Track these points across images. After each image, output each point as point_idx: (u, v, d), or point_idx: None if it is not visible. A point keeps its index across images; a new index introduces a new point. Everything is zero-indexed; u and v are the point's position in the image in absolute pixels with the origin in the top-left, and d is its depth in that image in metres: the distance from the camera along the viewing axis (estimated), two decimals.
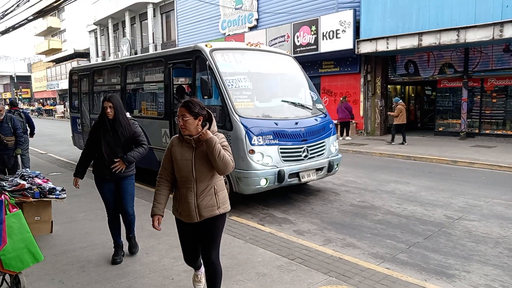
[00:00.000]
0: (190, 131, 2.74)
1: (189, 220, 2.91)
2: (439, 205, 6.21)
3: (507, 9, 10.61)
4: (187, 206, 2.87)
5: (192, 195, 2.84)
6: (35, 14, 13.34)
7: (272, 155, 5.74)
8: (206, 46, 6.24)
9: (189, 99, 2.78)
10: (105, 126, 3.97)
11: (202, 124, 2.77)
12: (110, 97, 3.94)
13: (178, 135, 2.88)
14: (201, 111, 2.74)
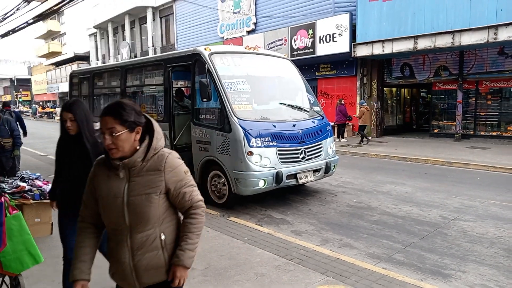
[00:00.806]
0: (124, 151, 1.83)
1: (126, 286, 2.00)
2: (434, 205, 6.28)
3: (501, 12, 10.74)
4: (119, 267, 1.95)
5: (126, 252, 1.90)
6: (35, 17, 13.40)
7: (270, 156, 5.81)
8: (205, 50, 6.31)
9: (118, 101, 1.87)
10: (67, 146, 2.94)
11: (141, 138, 1.89)
12: (70, 105, 2.86)
13: (104, 156, 1.94)
14: (138, 118, 1.85)
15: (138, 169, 1.88)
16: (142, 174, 1.87)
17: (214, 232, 4.98)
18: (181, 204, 1.98)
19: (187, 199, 1.98)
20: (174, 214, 2.04)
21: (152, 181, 1.87)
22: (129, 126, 1.82)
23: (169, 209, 1.98)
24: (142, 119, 1.89)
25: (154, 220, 1.90)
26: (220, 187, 6.17)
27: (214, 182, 6.26)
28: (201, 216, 2.03)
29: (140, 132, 1.88)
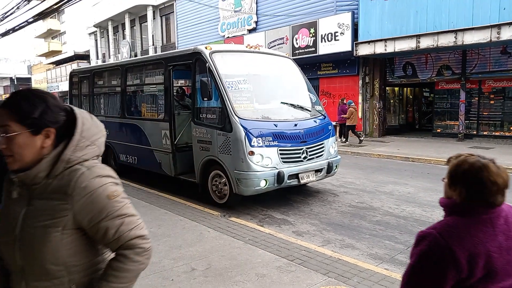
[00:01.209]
0: (23, 161, 1.30)
1: None
2: (437, 206, 6.16)
3: (504, 11, 10.68)
4: None
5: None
6: (35, 16, 13.39)
7: (272, 156, 5.77)
8: (206, 49, 6.27)
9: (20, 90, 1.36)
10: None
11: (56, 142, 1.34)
12: None
13: None
14: (50, 115, 1.31)
15: (40, 188, 1.31)
16: (44, 196, 1.30)
17: (215, 232, 4.95)
18: (105, 242, 1.37)
19: (111, 237, 1.33)
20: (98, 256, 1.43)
21: (53, 209, 1.28)
22: (32, 126, 1.27)
23: (86, 251, 1.37)
24: (58, 117, 1.33)
25: (56, 267, 1.30)
26: (221, 187, 6.13)
27: (215, 182, 6.23)
28: (132, 261, 1.33)
29: (52, 137, 1.31)
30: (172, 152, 6.96)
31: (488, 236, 1.36)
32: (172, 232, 4.97)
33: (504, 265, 1.36)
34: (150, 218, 5.53)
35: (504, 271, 1.37)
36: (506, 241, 1.37)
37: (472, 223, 1.38)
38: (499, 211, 1.41)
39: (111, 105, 9.34)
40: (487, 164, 1.40)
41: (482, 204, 1.39)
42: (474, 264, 1.31)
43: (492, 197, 1.38)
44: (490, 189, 1.37)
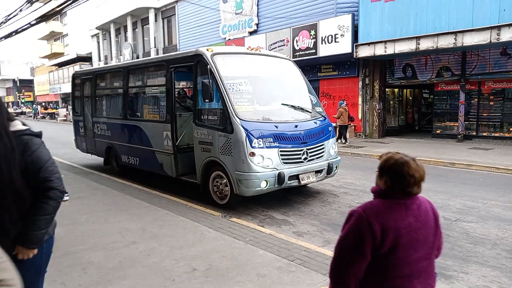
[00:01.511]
0: None
1: None
2: (437, 206, 6.14)
3: (504, 13, 10.71)
4: None
5: None
6: (38, 18, 13.45)
7: (272, 157, 5.81)
8: (207, 51, 6.32)
9: None
10: None
11: None
12: None
13: None
14: None
15: None
16: None
17: (216, 232, 4.98)
18: None
19: None
20: None
21: None
22: None
23: None
24: None
25: None
26: (222, 188, 6.18)
27: (216, 183, 6.27)
28: None
29: None
30: (173, 153, 7.00)
31: (400, 216, 1.69)
32: (173, 233, 5.01)
33: (409, 242, 1.68)
34: (151, 219, 5.57)
35: (409, 246, 1.68)
36: (415, 223, 1.71)
37: (389, 205, 1.72)
38: (414, 199, 1.77)
39: (113, 106, 9.39)
40: (408, 161, 1.75)
41: (401, 192, 1.73)
42: (385, 236, 1.64)
43: (409, 187, 1.72)
44: (409, 181, 1.72)
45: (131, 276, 3.82)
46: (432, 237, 1.79)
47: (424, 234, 1.73)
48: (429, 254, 1.78)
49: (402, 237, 1.67)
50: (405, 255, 1.68)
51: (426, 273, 1.77)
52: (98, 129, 9.63)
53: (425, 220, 1.75)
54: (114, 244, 4.67)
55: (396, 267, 1.70)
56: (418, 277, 1.73)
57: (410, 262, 1.70)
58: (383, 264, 1.70)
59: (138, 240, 4.78)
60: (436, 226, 1.82)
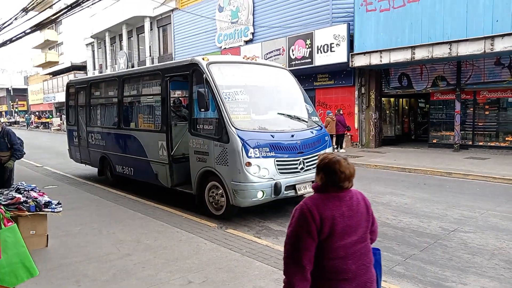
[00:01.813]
0: None
1: None
2: (434, 217, 6.24)
3: (497, 23, 10.83)
4: None
5: None
6: (33, 27, 13.41)
7: (269, 167, 5.76)
8: (203, 60, 6.31)
9: None
10: None
11: None
12: None
13: None
14: None
15: None
16: None
17: (211, 244, 4.91)
18: None
19: None
20: None
21: None
22: None
23: None
24: None
25: None
26: (218, 198, 6.11)
27: (212, 193, 6.21)
28: None
29: None
30: (168, 163, 6.94)
31: (335, 207, 2.02)
32: (169, 245, 4.93)
33: (344, 228, 2.01)
34: (146, 230, 5.49)
35: (343, 232, 2.01)
36: (348, 212, 2.04)
37: (326, 197, 2.05)
38: (347, 192, 2.09)
39: (108, 116, 9.33)
40: (340, 160, 2.07)
41: (334, 186, 2.06)
42: (323, 223, 1.97)
43: (341, 182, 2.05)
44: (340, 176, 2.04)
45: None
46: (365, 223, 2.12)
47: (356, 221, 2.06)
48: (363, 238, 2.10)
49: (337, 224, 1.99)
50: (340, 239, 2.00)
51: (361, 254, 2.07)
52: (92, 138, 9.55)
53: (357, 209, 2.08)
54: (108, 256, 4.58)
55: (333, 250, 2.00)
56: (352, 259, 2.03)
57: (345, 246, 2.01)
58: (323, 248, 2.00)
59: (132, 252, 4.70)
60: (367, 213, 2.15)
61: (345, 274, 2.02)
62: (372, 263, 2.15)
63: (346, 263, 2.02)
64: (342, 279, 2.02)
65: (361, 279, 2.07)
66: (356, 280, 2.05)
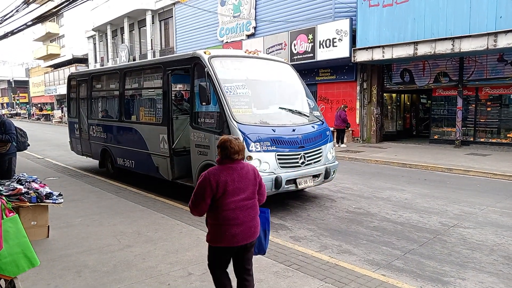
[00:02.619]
0: None
1: None
2: (434, 212, 6.25)
3: (500, 19, 10.76)
4: None
5: None
6: (34, 19, 13.39)
7: (270, 161, 5.77)
8: (204, 53, 6.29)
9: None
10: None
11: None
12: None
13: None
14: None
15: None
16: None
17: None
18: None
19: None
20: None
21: None
22: None
23: None
24: None
25: None
26: None
27: None
28: None
29: None
30: (169, 156, 6.95)
31: (228, 174, 2.81)
32: (169, 237, 4.96)
33: (234, 189, 2.80)
34: (147, 222, 5.52)
35: (234, 192, 2.81)
36: (238, 177, 2.83)
37: (223, 168, 2.85)
38: (238, 163, 2.88)
39: (109, 108, 9.34)
40: (231, 139, 2.88)
41: (228, 158, 2.85)
42: (218, 186, 2.76)
43: (232, 155, 2.84)
44: (230, 151, 2.83)
45: (126, 279, 3.77)
46: (252, 187, 2.92)
47: (245, 184, 2.86)
48: (250, 197, 2.90)
49: (229, 186, 2.79)
50: (231, 197, 2.80)
51: (248, 208, 2.88)
52: (93, 131, 9.57)
53: (245, 176, 2.88)
54: (109, 247, 4.61)
55: (226, 204, 2.80)
56: (240, 210, 2.84)
57: (235, 201, 2.81)
58: (219, 202, 2.81)
59: (133, 243, 4.73)
60: (255, 180, 2.94)
61: (234, 221, 2.83)
62: (257, 215, 2.98)
63: (235, 213, 2.82)
64: (232, 224, 2.83)
65: (247, 224, 2.88)
66: (243, 225, 2.86)
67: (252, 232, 2.92)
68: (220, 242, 2.89)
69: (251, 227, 2.90)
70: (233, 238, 2.83)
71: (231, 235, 2.82)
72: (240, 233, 2.84)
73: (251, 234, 2.90)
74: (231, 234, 2.82)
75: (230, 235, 2.82)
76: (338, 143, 14.44)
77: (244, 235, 2.86)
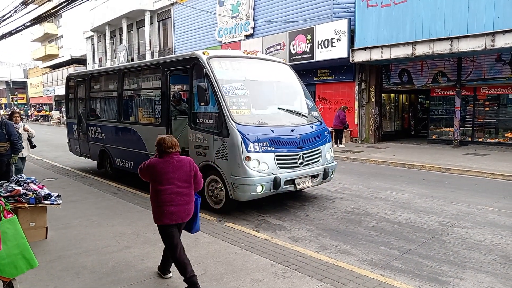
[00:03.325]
0: None
1: None
2: (432, 212, 6.27)
3: (498, 19, 10.79)
4: None
5: None
6: (32, 20, 13.37)
7: (268, 162, 5.78)
8: (203, 54, 6.30)
9: None
10: None
11: None
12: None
13: None
14: None
15: None
16: None
17: (210, 237, 4.94)
18: None
19: None
20: None
21: None
22: None
23: None
24: None
25: None
26: (217, 192, 6.13)
27: (211, 187, 6.23)
28: None
29: None
30: None
31: (165, 166, 3.47)
32: None
33: (169, 178, 3.45)
34: (145, 223, 5.52)
35: (169, 181, 3.45)
36: (173, 169, 3.47)
37: (160, 160, 3.50)
38: (173, 156, 3.52)
39: (108, 109, 9.33)
40: (165, 137, 3.57)
41: (164, 153, 3.51)
42: (157, 175, 3.45)
43: (166, 149, 3.50)
44: (164, 146, 3.50)
45: (125, 280, 3.77)
46: (188, 177, 3.55)
47: (180, 174, 3.51)
48: (185, 185, 3.54)
49: (166, 175, 3.47)
50: (167, 184, 3.47)
51: (183, 194, 3.53)
52: (92, 132, 9.56)
53: (180, 167, 3.52)
54: (107, 248, 4.61)
55: (163, 190, 3.47)
56: (176, 195, 3.49)
57: (171, 188, 3.47)
58: (158, 189, 3.49)
59: (132, 244, 4.73)
60: (190, 171, 3.57)
61: (171, 203, 3.48)
62: (192, 201, 3.63)
63: (172, 197, 3.48)
64: (169, 205, 3.48)
65: (183, 207, 3.53)
66: (179, 207, 3.50)
67: (187, 214, 3.58)
68: (162, 220, 3.52)
69: (186, 210, 3.56)
70: (171, 215, 3.48)
71: (169, 213, 3.47)
72: (176, 213, 3.49)
73: (185, 215, 3.57)
74: (169, 213, 3.47)
75: (169, 213, 3.47)
76: (336, 143, 14.45)
77: (180, 215, 3.52)
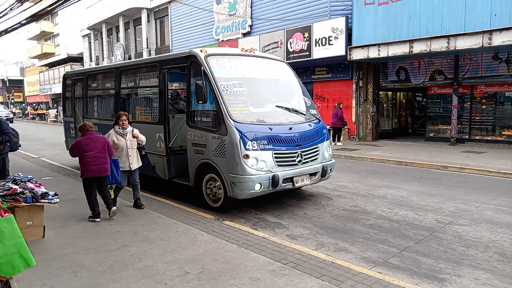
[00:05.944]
0: None
1: None
2: (430, 209, 6.28)
3: (495, 17, 10.82)
4: None
5: None
6: (29, 18, 13.29)
7: (267, 160, 5.78)
8: (201, 52, 6.28)
9: None
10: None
11: None
12: None
13: None
14: None
15: None
16: None
17: (208, 236, 4.93)
18: None
19: None
20: None
21: None
22: None
23: None
24: None
25: None
26: (216, 191, 6.12)
27: (210, 185, 6.22)
28: None
29: None
30: (166, 155, 6.93)
31: (86, 140, 5.49)
32: (166, 236, 4.95)
33: (89, 147, 5.43)
34: (143, 222, 5.51)
35: (90, 149, 5.42)
36: (92, 141, 5.49)
37: (83, 138, 5.52)
38: (90, 134, 5.56)
39: (105, 107, 9.29)
40: (85, 123, 5.73)
41: (85, 131, 5.57)
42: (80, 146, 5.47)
43: (88, 129, 5.58)
44: (86, 128, 5.59)
45: (123, 279, 3.76)
46: (103, 147, 5.49)
47: (97, 145, 5.45)
48: (102, 151, 5.48)
49: (86, 146, 5.40)
50: (89, 151, 5.38)
51: (100, 157, 5.44)
52: None
53: (96, 140, 5.49)
54: (105, 247, 4.60)
55: (86, 155, 5.38)
56: (95, 159, 5.40)
57: (91, 154, 5.38)
58: (83, 155, 5.39)
59: (129, 243, 4.72)
60: (104, 144, 5.52)
61: (92, 163, 5.36)
62: (107, 162, 5.54)
63: (93, 159, 5.36)
64: (91, 164, 5.36)
65: (101, 166, 5.43)
66: (97, 166, 5.39)
67: (104, 170, 5.48)
68: (86, 175, 5.42)
69: (103, 167, 5.47)
70: (92, 172, 5.38)
71: (90, 170, 5.37)
72: (96, 169, 5.39)
73: (103, 171, 5.47)
74: (91, 169, 5.37)
75: (90, 170, 5.37)
76: (334, 141, 14.47)
77: (99, 170, 5.42)
